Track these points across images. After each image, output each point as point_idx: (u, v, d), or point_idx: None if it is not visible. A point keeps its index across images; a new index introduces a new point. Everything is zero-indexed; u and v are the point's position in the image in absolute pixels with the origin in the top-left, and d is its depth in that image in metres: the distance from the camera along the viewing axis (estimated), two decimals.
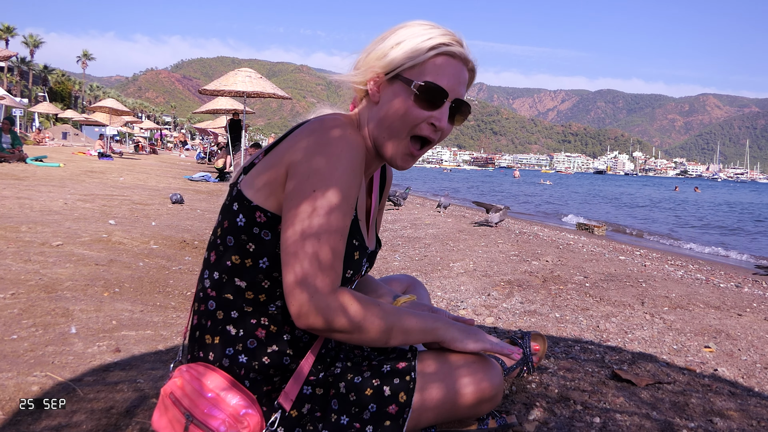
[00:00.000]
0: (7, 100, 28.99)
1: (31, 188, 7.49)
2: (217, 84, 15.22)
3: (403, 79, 1.26)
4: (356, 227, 1.32)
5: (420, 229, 7.14)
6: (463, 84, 1.31)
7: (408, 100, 1.26)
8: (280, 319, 1.31)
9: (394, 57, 1.26)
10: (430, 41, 1.26)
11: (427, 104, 1.26)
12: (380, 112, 1.30)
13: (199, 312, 1.34)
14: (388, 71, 1.28)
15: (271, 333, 1.31)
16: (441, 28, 1.29)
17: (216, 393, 1.21)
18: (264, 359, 1.29)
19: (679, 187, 63.05)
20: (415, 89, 1.25)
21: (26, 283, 2.99)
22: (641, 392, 2.04)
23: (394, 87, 1.28)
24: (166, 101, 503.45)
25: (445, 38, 1.27)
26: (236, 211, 1.28)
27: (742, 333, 3.00)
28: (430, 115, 1.27)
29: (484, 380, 1.37)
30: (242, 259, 1.29)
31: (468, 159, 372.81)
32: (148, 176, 12.26)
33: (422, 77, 1.25)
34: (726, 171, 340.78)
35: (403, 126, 1.28)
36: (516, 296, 3.63)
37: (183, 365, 1.30)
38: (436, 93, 1.26)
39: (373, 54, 1.30)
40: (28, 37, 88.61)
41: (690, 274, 5.38)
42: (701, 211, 24.00)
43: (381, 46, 1.29)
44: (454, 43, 1.28)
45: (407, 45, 1.26)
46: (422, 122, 1.28)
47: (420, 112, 1.26)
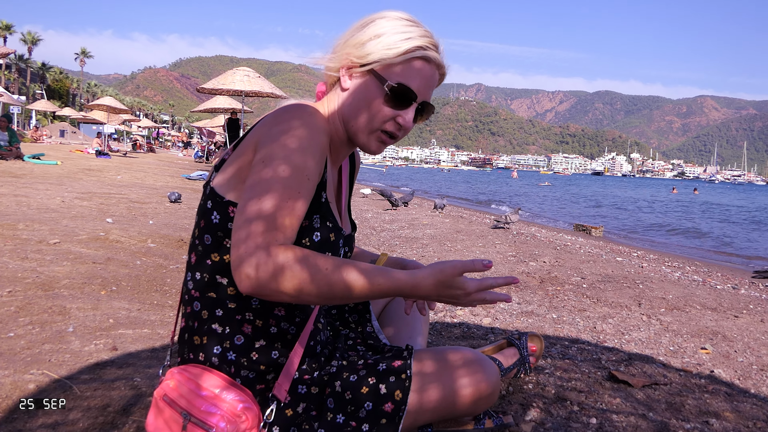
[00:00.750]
0: (4, 98, 28.96)
1: (29, 186, 7.47)
2: (215, 83, 15.22)
3: (377, 75, 1.28)
4: (327, 209, 1.32)
5: (417, 230, 7.14)
6: (432, 87, 1.33)
7: (378, 96, 1.28)
8: (265, 313, 1.31)
9: (371, 50, 1.27)
10: (409, 42, 1.27)
11: (395, 104, 1.28)
12: (350, 99, 1.32)
13: (186, 314, 1.34)
14: (364, 63, 1.28)
15: (257, 327, 1.31)
16: (420, 27, 1.30)
17: (212, 391, 1.21)
18: (252, 355, 1.29)
19: (677, 188, 63.11)
20: (387, 89, 1.27)
21: (23, 280, 2.99)
22: (637, 393, 2.04)
23: (366, 79, 1.29)
24: (164, 100, 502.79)
25: (423, 40, 1.28)
26: (210, 209, 1.29)
27: (738, 335, 3.01)
28: (397, 114, 1.29)
29: (483, 381, 1.37)
30: (221, 255, 1.29)
31: (466, 159, 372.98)
32: (146, 175, 12.24)
33: (396, 77, 1.27)
34: (723, 173, 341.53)
35: (371, 120, 1.30)
36: (513, 297, 3.63)
37: (174, 368, 1.30)
38: (406, 95, 1.28)
39: (351, 41, 1.30)
40: (26, 35, 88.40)
41: (687, 276, 5.39)
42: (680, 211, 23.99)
43: (359, 35, 1.30)
44: (431, 47, 1.30)
45: (385, 41, 1.27)
46: (389, 120, 1.30)
47: (388, 110, 1.29)
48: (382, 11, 1.33)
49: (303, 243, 1.27)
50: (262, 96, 15.64)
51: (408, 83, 1.27)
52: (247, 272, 1.06)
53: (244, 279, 1.07)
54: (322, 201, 1.30)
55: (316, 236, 1.28)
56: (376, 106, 1.28)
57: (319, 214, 1.29)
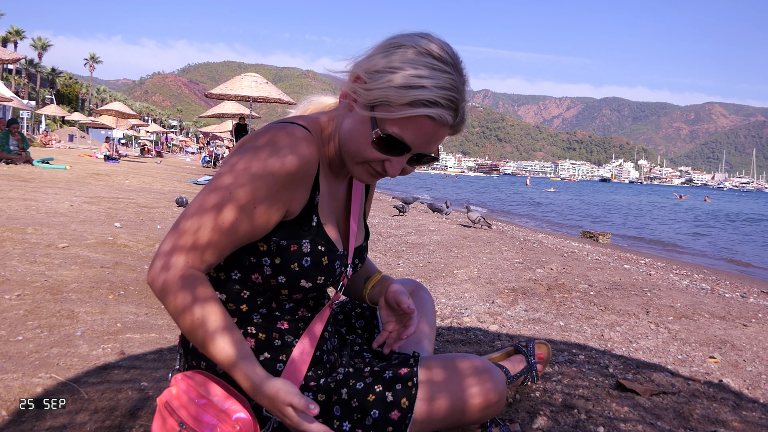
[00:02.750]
0: (14, 102, 29.18)
1: (38, 190, 7.52)
2: (223, 88, 15.30)
3: (372, 116, 1.15)
4: (319, 232, 1.29)
5: (424, 236, 7.14)
6: (435, 142, 1.19)
7: (369, 137, 1.17)
8: (268, 327, 1.31)
9: (378, 85, 1.13)
10: (417, 93, 1.10)
11: (384, 150, 1.18)
12: (348, 125, 1.22)
13: None
14: (367, 95, 1.15)
15: (260, 341, 1.31)
16: (445, 74, 1.12)
17: (208, 399, 1.20)
18: None
19: (685, 195, 62.74)
20: (375, 136, 1.16)
21: (32, 284, 3.00)
22: (645, 402, 2.03)
23: (365, 112, 1.16)
24: (172, 105, 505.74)
25: (435, 93, 1.10)
26: None
27: (747, 344, 2.99)
28: (386, 158, 1.19)
29: (491, 390, 1.37)
30: (217, 272, 1.31)
31: (473, 165, 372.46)
32: (154, 179, 12.29)
33: (390, 125, 1.14)
34: (731, 180, 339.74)
35: (357, 155, 1.21)
36: (520, 304, 3.62)
37: (179, 374, 1.30)
38: (396, 146, 1.17)
39: (368, 62, 1.17)
40: (37, 40, 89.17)
41: (695, 284, 5.36)
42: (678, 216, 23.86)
43: (377, 59, 1.15)
44: (445, 104, 1.12)
45: (396, 80, 1.11)
46: (376, 161, 1.21)
47: (375, 153, 1.18)
48: (419, 36, 1.16)
49: (292, 268, 1.25)
50: (269, 101, 15.70)
51: (402, 135, 1.14)
52: (152, 273, 1.16)
53: (149, 274, 1.17)
54: (312, 225, 1.27)
55: (306, 261, 1.25)
56: (366, 144, 1.18)
57: (309, 238, 1.26)
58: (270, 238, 1.23)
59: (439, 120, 1.13)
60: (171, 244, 1.16)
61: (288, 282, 1.26)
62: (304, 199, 1.25)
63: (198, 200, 1.18)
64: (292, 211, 1.24)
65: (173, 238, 1.16)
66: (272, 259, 1.24)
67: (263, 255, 1.24)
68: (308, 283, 1.27)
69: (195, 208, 1.17)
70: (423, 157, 1.21)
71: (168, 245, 1.16)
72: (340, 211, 1.42)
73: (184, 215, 1.18)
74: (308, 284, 1.27)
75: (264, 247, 1.24)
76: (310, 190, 1.26)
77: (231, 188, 1.15)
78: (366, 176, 1.26)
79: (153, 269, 1.16)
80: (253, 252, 1.24)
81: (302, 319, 1.35)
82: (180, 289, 1.13)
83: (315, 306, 1.38)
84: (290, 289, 1.27)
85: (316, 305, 1.39)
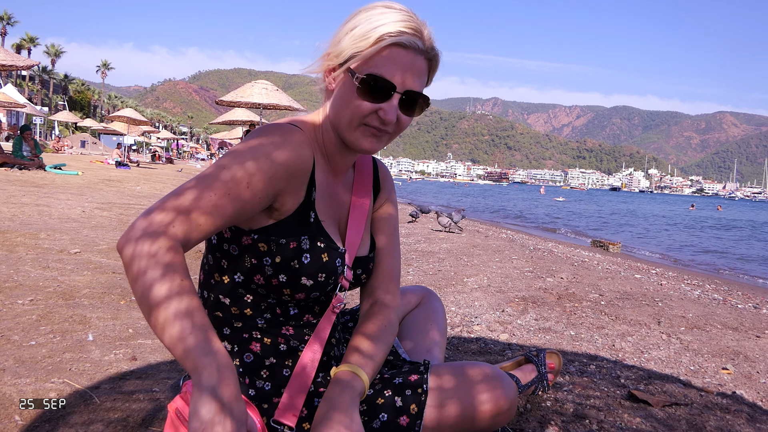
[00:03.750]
0: (28, 108, 29.51)
1: (50, 196, 7.58)
2: (233, 95, 15.38)
3: (349, 70, 1.20)
4: (318, 229, 1.29)
5: (434, 244, 7.13)
6: (417, 74, 1.21)
7: (353, 92, 1.20)
8: (272, 332, 1.31)
9: (344, 46, 1.21)
10: (379, 30, 1.17)
11: (371, 97, 1.19)
12: (333, 101, 1.26)
13: None
14: (341, 61, 1.21)
15: (266, 346, 1.31)
16: (399, 12, 1.20)
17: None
18: (263, 372, 1.30)
19: (696, 205, 62.30)
20: (357, 82, 1.19)
21: (44, 289, 3.03)
22: (658, 413, 2.02)
23: (344, 77, 1.22)
24: (183, 111, 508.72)
25: (397, 26, 1.17)
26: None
27: (760, 355, 2.96)
28: (377, 107, 1.20)
29: (502, 397, 1.36)
30: (220, 276, 1.30)
31: (482, 173, 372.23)
32: (165, 186, 12.37)
33: (366, 69, 1.18)
34: (743, 190, 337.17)
35: (351, 118, 1.22)
36: (531, 313, 3.61)
37: (190, 380, 1.30)
38: (380, 85, 1.18)
39: (332, 39, 1.25)
40: (50, 47, 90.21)
41: (707, 294, 5.32)
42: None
43: (337, 33, 1.24)
44: (408, 31, 1.18)
45: (357, 32, 1.19)
46: (369, 114, 1.21)
47: (365, 104, 1.20)
48: (368, 4, 1.24)
49: (292, 266, 1.24)
50: (279, 109, 15.77)
51: (382, 73, 1.18)
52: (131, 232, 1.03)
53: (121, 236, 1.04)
54: (311, 221, 1.27)
55: (305, 258, 1.25)
56: (353, 102, 1.20)
57: (308, 234, 1.26)
58: (269, 237, 1.23)
59: (409, 45, 1.18)
60: (155, 204, 1.09)
61: (289, 280, 1.25)
62: (300, 195, 1.25)
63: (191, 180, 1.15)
64: (289, 208, 1.24)
65: (160, 201, 1.09)
66: (273, 258, 1.24)
67: (264, 255, 1.24)
68: (309, 281, 1.27)
69: (192, 180, 1.14)
70: (413, 99, 1.23)
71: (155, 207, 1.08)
72: (341, 212, 1.41)
73: (176, 190, 1.12)
74: (309, 282, 1.27)
75: (264, 247, 1.24)
76: (305, 187, 1.26)
77: (229, 160, 1.15)
78: (367, 141, 1.25)
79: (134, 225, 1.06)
80: (254, 253, 1.25)
81: (308, 324, 1.35)
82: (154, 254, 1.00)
83: (321, 313, 1.38)
84: (292, 288, 1.26)
85: (322, 312, 1.39)
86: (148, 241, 1.01)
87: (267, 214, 1.24)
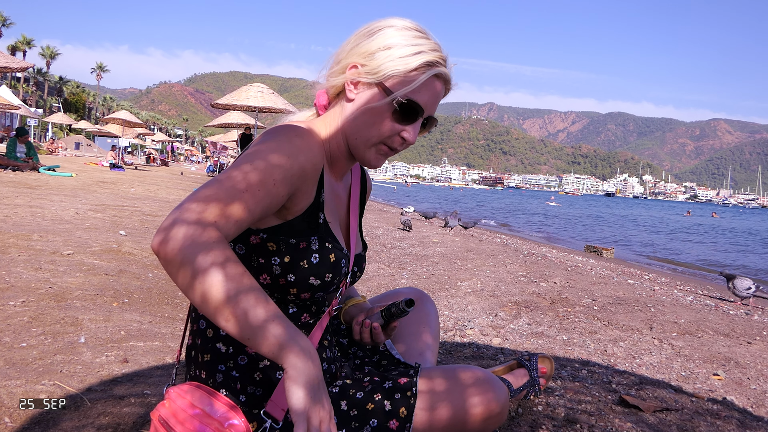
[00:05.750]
0: (22, 110, 29.40)
1: (44, 197, 7.55)
2: (229, 98, 15.37)
3: (385, 88, 1.24)
4: (326, 230, 1.31)
5: (428, 248, 7.14)
6: (438, 101, 1.31)
7: (385, 111, 1.25)
8: None
9: (380, 62, 1.23)
10: (420, 57, 1.23)
11: (402, 119, 1.26)
12: (355, 112, 1.29)
13: (193, 332, 1.36)
14: (376, 79, 1.25)
15: None
16: (430, 39, 1.27)
17: (201, 409, 1.18)
18: (256, 375, 1.30)
19: (692, 211, 62.52)
20: (396, 105, 1.24)
21: (36, 291, 3.02)
22: (649, 418, 2.02)
23: (373, 91, 1.26)
24: (178, 114, 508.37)
25: (433, 55, 1.24)
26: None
27: (751, 361, 2.97)
28: (403, 128, 1.27)
29: (493, 400, 1.37)
30: None
31: (477, 178, 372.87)
32: (159, 188, 12.34)
33: (405, 93, 1.23)
34: (736, 196, 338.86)
35: (374, 135, 1.28)
36: (523, 317, 3.62)
37: (173, 387, 1.28)
38: (415, 111, 1.26)
39: (357, 50, 1.27)
40: (45, 49, 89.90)
41: (699, 300, 5.34)
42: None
43: (366, 44, 1.26)
44: (441, 62, 1.26)
45: (396, 53, 1.23)
46: (393, 135, 1.28)
47: (394, 125, 1.26)
48: (388, 19, 1.29)
49: (301, 266, 1.26)
50: (275, 112, 15.76)
51: (416, 99, 1.24)
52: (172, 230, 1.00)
53: (156, 235, 1.02)
54: (320, 222, 1.29)
55: (315, 258, 1.27)
56: (382, 120, 1.26)
57: (317, 235, 1.28)
58: (279, 237, 1.24)
59: (444, 77, 1.28)
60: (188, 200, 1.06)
61: (297, 280, 1.26)
62: (311, 195, 1.27)
63: (216, 179, 1.12)
64: (300, 208, 1.25)
65: (194, 197, 1.07)
66: (281, 258, 1.25)
67: (273, 255, 1.25)
68: (317, 281, 1.28)
69: (219, 177, 1.12)
70: (429, 121, 1.32)
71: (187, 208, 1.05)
72: (342, 213, 1.45)
73: (202, 189, 1.10)
74: (317, 281, 1.28)
75: (273, 247, 1.25)
76: (316, 188, 1.28)
77: (255, 159, 1.14)
78: (377, 159, 1.32)
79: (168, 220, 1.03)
80: (262, 253, 1.25)
81: (305, 325, 1.36)
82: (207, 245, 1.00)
83: (317, 312, 1.39)
84: (299, 288, 1.27)
85: (318, 311, 1.39)
86: (196, 238, 1.00)
87: (275, 214, 1.25)
